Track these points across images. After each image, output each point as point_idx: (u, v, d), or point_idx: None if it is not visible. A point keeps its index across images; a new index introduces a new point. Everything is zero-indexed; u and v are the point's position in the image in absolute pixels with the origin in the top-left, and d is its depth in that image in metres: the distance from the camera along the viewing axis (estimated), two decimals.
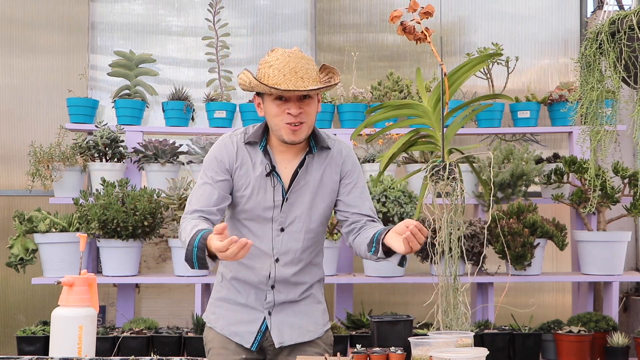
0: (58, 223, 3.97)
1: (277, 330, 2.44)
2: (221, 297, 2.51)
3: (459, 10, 4.97)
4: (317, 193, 2.43)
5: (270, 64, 2.30)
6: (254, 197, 2.38)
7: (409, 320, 2.76)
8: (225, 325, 2.47)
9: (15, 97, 4.79)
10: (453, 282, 2.58)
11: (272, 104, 2.33)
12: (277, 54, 2.32)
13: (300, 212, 2.41)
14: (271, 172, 2.38)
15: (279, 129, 2.34)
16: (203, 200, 2.35)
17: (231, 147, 2.40)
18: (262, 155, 2.40)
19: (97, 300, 2.12)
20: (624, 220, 4.45)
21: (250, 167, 2.39)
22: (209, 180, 2.38)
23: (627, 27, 2.24)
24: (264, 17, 4.95)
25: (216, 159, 2.39)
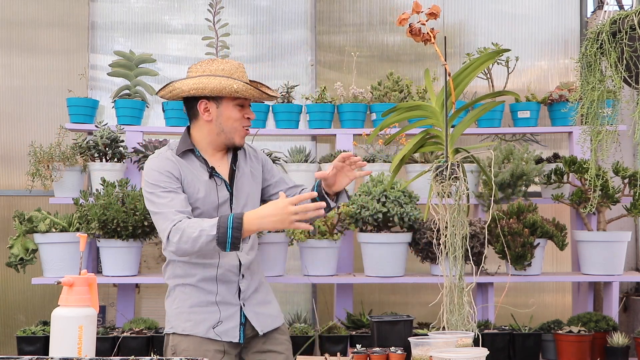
0: (58, 223, 3.97)
1: (256, 319, 2.61)
2: (195, 303, 2.57)
3: (458, 11, 4.97)
4: (252, 183, 2.69)
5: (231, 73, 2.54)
6: (207, 198, 2.55)
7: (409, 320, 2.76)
8: (208, 328, 2.55)
9: (15, 97, 4.79)
10: (458, 282, 2.58)
11: (233, 109, 2.57)
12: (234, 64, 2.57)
13: (245, 202, 2.63)
14: (212, 173, 2.58)
15: (233, 132, 2.58)
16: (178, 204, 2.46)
17: (173, 160, 2.56)
18: (198, 161, 2.59)
19: (97, 300, 2.12)
20: (624, 220, 4.45)
21: (194, 174, 2.56)
22: (167, 189, 2.49)
23: (628, 26, 2.24)
24: (264, 17, 4.95)
25: (165, 173, 2.52)
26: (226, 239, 2.35)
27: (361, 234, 4.02)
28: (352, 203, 3.96)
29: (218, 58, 2.61)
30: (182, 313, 2.58)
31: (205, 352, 2.52)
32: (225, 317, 2.57)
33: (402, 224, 3.94)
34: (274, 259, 4.02)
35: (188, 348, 2.53)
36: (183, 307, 2.59)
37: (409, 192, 3.98)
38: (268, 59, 4.94)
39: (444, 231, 2.58)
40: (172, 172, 2.53)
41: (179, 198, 2.48)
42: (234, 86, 2.51)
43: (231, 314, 2.58)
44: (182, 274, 2.60)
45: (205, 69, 2.56)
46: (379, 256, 3.97)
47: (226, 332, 2.56)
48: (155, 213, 2.49)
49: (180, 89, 2.56)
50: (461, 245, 2.57)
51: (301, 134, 4.64)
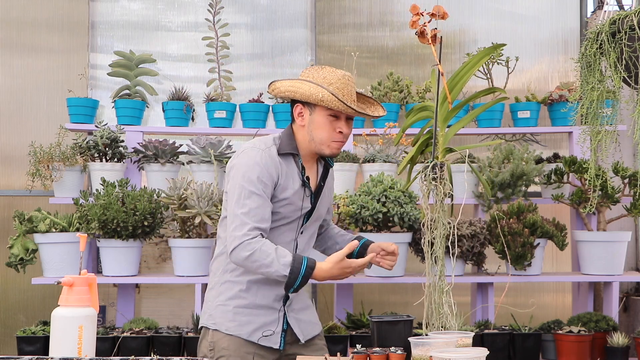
0: (58, 223, 3.97)
1: (298, 327, 2.61)
2: (241, 304, 2.55)
3: (458, 10, 4.97)
4: (327, 202, 2.73)
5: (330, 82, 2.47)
6: (294, 204, 2.54)
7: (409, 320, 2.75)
8: (252, 331, 2.53)
9: (15, 97, 4.79)
10: (438, 282, 2.59)
11: (325, 119, 2.50)
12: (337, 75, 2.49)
13: (317, 217, 2.67)
14: (304, 183, 2.56)
15: (323, 142, 2.52)
16: (261, 216, 2.44)
17: (276, 161, 2.51)
18: (297, 167, 2.57)
19: (97, 300, 2.12)
20: (624, 220, 4.45)
21: (290, 178, 2.54)
22: (260, 193, 2.45)
23: (627, 27, 2.24)
24: (264, 17, 4.95)
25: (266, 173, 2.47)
26: (294, 284, 2.41)
27: (361, 234, 4.01)
28: (352, 203, 3.96)
29: (327, 66, 2.54)
30: (227, 312, 2.55)
31: (245, 355, 2.51)
32: (269, 322, 2.56)
33: (402, 224, 3.94)
34: None
35: (228, 348, 2.51)
36: (228, 305, 2.55)
37: (409, 192, 3.98)
38: (268, 58, 4.94)
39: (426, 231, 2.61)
40: (272, 174, 2.48)
41: (266, 208, 2.45)
42: (320, 95, 2.44)
43: (274, 319, 2.57)
44: (232, 271, 2.57)
45: (310, 74, 2.52)
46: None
47: (269, 338, 2.55)
48: (236, 208, 2.44)
49: (278, 89, 2.55)
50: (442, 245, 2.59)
51: None
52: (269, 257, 2.38)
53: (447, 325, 2.53)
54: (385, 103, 4.39)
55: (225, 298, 2.56)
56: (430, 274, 2.60)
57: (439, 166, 2.58)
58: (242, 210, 2.42)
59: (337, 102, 2.44)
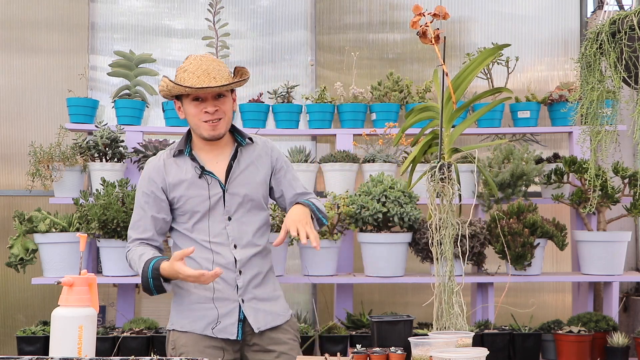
0: (58, 223, 3.97)
1: (253, 317, 2.59)
2: (193, 300, 2.60)
3: (458, 11, 4.97)
4: (253, 181, 2.65)
5: (184, 69, 2.55)
6: (194, 199, 2.58)
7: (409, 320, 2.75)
8: (205, 325, 2.57)
9: (15, 97, 4.79)
10: (448, 282, 2.58)
11: (190, 105, 2.56)
12: (190, 59, 2.58)
13: (242, 200, 2.62)
14: (202, 172, 2.58)
15: (198, 127, 2.57)
16: (141, 227, 2.61)
17: (159, 164, 2.62)
18: (191, 161, 2.61)
19: (97, 300, 2.12)
20: (624, 220, 4.45)
21: (180, 173, 2.59)
22: (142, 205, 2.62)
23: (627, 27, 2.24)
24: (264, 17, 4.95)
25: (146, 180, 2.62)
26: (149, 287, 2.47)
27: (361, 234, 4.02)
28: (352, 203, 3.96)
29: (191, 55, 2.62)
30: (181, 310, 2.62)
31: (203, 349, 2.53)
32: (224, 313, 2.57)
33: (402, 224, 3.94)
34: (274, 259, 4.00)
35: (186, 344, 2.56)
36: (182, 304, 2.62)
37: (409, 192, 3.98)
38: (268, 59, 4.94)
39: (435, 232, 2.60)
40: (156, 181, 2.61)
41: (147, 220, 2.60)
42: (165, 86, 2.56)
43: (229, 310, 2.58)
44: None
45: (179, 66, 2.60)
46: (379, 256, 3.97)
47: (224, 329, 2.57)
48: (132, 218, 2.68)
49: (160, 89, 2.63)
50: (450, 245, 2.58)
51: (301, 134, 4.64)
52: (135, 265, 2.54)
53: (457, 325, 2.53)
54: (385, 103, 4.39)
55: (179, 298, 2.64)
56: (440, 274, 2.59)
57: (447, 166, 2.57)
58: (130, 225, 2.66)
59: (174, 86, 2.52)
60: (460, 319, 2.52)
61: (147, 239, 2.62)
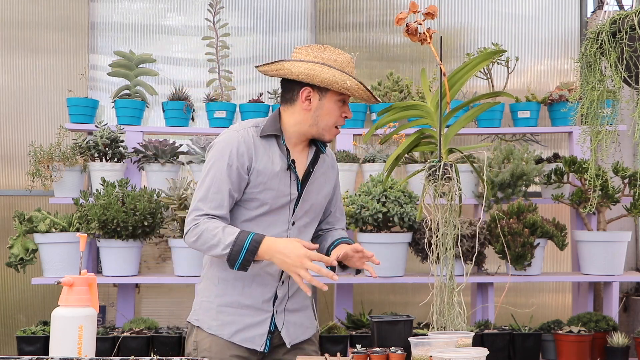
0: (58, 223, 3.96)
1: (285, 329, 2.43)
2: (225, 302, 2.40)
3: (458, 11, 4.97)
4: (321, 191, 2.49)
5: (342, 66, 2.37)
6: (274, 190, 2.36)
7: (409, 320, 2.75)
8: (234, 332, 2.39)
9: (15, 97, 4.79)
10: (448, 282, 2.58)
11: (335, 104, 2.38)
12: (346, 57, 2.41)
13: (309, 208, 2.45)
14: (289, 166, 2.38)
15: (327, 128, 2.39)
16: (217, 201, 2.30)
17: (249, 141, 2.35)
18: (279, 149, 2.39)
19: (97, 300, 2.12)
20: (624, 220, 4.45)
21: (269, 161, 2.37)
22: (223, 178, 2.31)
23: (628, 27, 2.24)
24: (264, 16, 4.95)
25: (234, 154, 2.32)
26: (237, 258, 2.23)
27: (361, 234, 4.01)
28: (352, 203, 3.96)
29: (329, 46, 2.44)
30: (210, 309, 2.41)
31: (228, 358, 2.37)
32: (254, 323, 2.40)
33: (402, 224, 3.94)
34: None
35: (210, 349, 2.38)
36: (213, 302, 2.41)
37: (409, 192, 3.98)
38: (268, 58, 4.94)
39: (435, 231, 2.58)
40: (244, 157, 2.32)
41: (225, 194, 2.31)
42: (348, 83, 2.32)
43: (261, 320, 2.40)
44: (221, 265, 2.38)
45: (317, 55, 2.38)
46: (379, 256, 3.95)
47: (252, 340, 2.39)
48: (196, 192, 2.35)
49: (289, 71, 2.36)
50: (452, 245, 2.57)
51: None
52: (216, 236, 2.24)
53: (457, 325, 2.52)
54: (385, 103, 4.39)
55: (210, 294, 2.43)
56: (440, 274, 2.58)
57: (449, 166, 2.56)
58: (199, 195, 2.33)
59: (363, 90, 2.34)
60: (460, 318, 2.52)
61: (220, 216, 2.31)
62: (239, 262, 2.24)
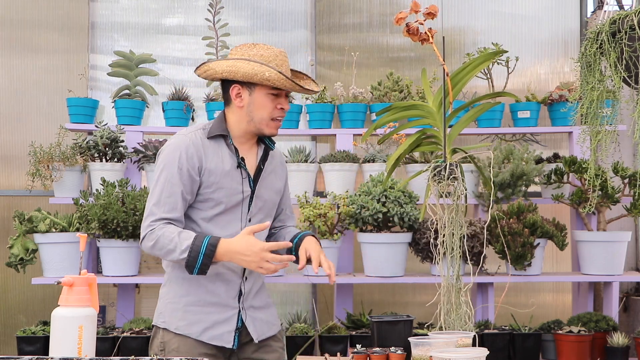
0: (58, 223, 3.97)
1: (253, 325, 2.47)
2: (191, 302, 2.42)
3: (458, 11, 4.97)
4: (273, 187, 2.55)
5: (268, 60, 2.41)
6: (227, 189, 2.41)
7: (409, 320, 2.75)
8: (202, 331, 2.41)
9: (15, 97, 4.79)
10: (455, 282, 2.57)
11: (266, 97, 2.42)
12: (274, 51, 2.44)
13: (263, 204, 2.51)
14: (239, 165, 2.44)
15: (263, 122, 2.43)
16: (169, 204, 2.35)
17: (198, 144, 2.41)
18: (229, 149, 2.46)
19: (97, 300, 2.12)
20: (624, 220, 4.45)
21: (219, 160, 2.42)
22: (175, 181, 2.36)
23: (627, 27, 2.24)
24: (264, 16, 4.95)
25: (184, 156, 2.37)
26: (195, 264, 2.28)
27: (361, 234, 4.02)
28: (352, 203, 3.96)
29: (261, 43, 2.48)
30: (177, 310, 2.43)
31: (197, 355, 2.38)
32: (222, 320, 2.42)
33: (402, 224, 3.94)
34: None
35: (178, 349, 2.40)
36: (179, 303, 2.43)
37: (409, 192, 3.98)
38: None
39: (442, 231, 2.58)
40: (194, 160, 2.38)
41: (178, 197, 2.35)
42: (266, 74, 2.35)
43: (228, 317, 2.43)
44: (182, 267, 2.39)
45: (244, 52, 2.42)
46: (379, 256, 3.98)
47: (220, 337, 2.41)
48: (149, 197, 2.40)
49: (213, 70, 2.42)
50: (459, 245, 2.57)
51: (301, 133, 4.64)
52: (172, 242, 2.29)
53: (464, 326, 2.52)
54: (385, 103, 4.39)
55: (175, 295, 2.45)
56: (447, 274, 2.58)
57: (455, 166, 2.55)
58: (152, 201, 2.37)
59: (284, 80, 2.37)
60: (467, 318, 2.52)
61: (174, 219, 2.36)
62: (197, 268, 2.29)
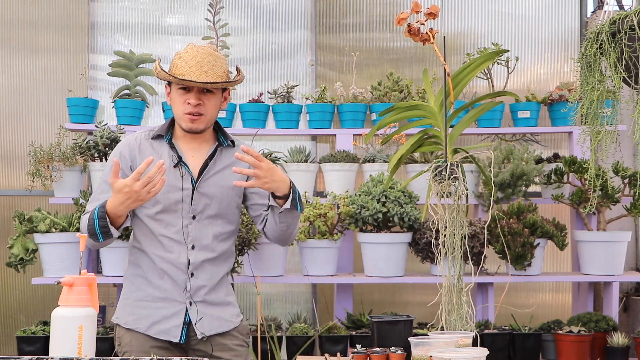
0: (58, 223, 3.97)
1: (199, 322, 2.49)
2: (140, 297, 2.49)
3: (458, 11, 4.97)
4: (225, 183, 2.53)
5: (180, 56, 2.51)
6: (166, 189, 2.43)
7: (409, 320, 2.75)
8: (149, 325, 2.47)
9: (15, 97, 4.79)
10: (457, 282, 2.58)
11: (176, 93, 2.51)
12: (189, 47, 2.53)
13: (211, 201, 2.51)
14: (178, 162, 2.49)
15: (179, 117, 2.51)
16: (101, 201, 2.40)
17: (134, 144, 2.52)
18: (169, 148, 2.51)
19: (97, 300, 2.12)
20: (624, 220, 4.46)
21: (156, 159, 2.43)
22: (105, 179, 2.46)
23: (627, 27, 2.24)
24: (264, 17, 4.95)
25: (119, 155, 2.50)
26: (94, 229, 2.34)
27: (361, 234, 4.02)
28: (352, 203, 3.96)
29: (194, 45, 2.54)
30: (127, 305, 2.51)
31: (149, 349, 2.43)
32: (169, 315, 2.46)
33: (402, 224, 3.94)
34: (274, 259, 4.02)
35: (130, 343, 2.46)
36: (130, 298, 2.51)
37: (409, 192, 3.98)
38: (268, 59, 4.94)
39: (442, 231, 2.58)
40: (124, 157, 2.49)
41: (108, 194, 2.39)
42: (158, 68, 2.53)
43: (175, 312, 2.47)
44: (134, 262, 2.53)
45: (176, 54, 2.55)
46: (379, 256, 3.98)
47: (167, 331, 2.45)
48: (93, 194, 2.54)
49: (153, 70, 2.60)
50: (460, 245, 2.57)
51: (301, 134, 4.64)
52: (84, 222, 2.39)
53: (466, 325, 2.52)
54: (385, 103, 4.39)
55: (127, 292, 2.53)
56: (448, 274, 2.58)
57: (456, 166, 2.56)
58: (91, 197, 2.52)
59: (164, 73, 2.49)
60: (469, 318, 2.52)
61: None
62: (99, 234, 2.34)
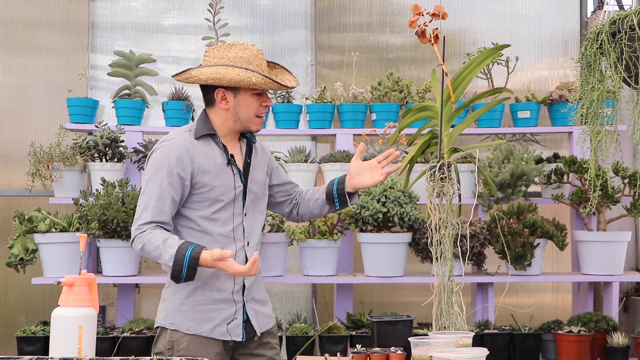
0: (58, 223, 3.97)
1: (255, 318, 2.53)
2: (198, 301, 2.46)
3: (458, 11, 4.97)
4: (259, 178, 2.61)
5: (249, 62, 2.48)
6: (221, 186, 2.47)
7: (409, 320, 2.75)
8: (212, 328, 2.45)
9: (15, 96, 4.79)
10: (447, 283, 2.58)
11: (251, 97, 2.50)
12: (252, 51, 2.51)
13: (254, 196, 2.57)
14: (230, 161, 2.51)
15: (249, 120, 2.51)
16: (158, 208, 2.40)
17: (188, 146, 2.46)
18: (218, 147, 2.51)
19: (97, 300, 2.12)
20: (624, 220, 4.46)
21: (211, 159, 2.48)
22: (165, 185, 2.41)
23: (627, 27, 2.24)
24: (264, 16, 4.95)
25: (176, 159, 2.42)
26: (180, 276, 2.33)
27: (361, 234, 4.02)
28: None
29: (236, 43, 2.52)
30: (184, 311, 2.45)
31: (206, 354, 2.41)
32: (230, 315, 2.47)
33: (402, 224, 3.94)
34: (274, 259, 4.02)
35: (188, 348, 2.42)
36: (186, 303, 2.45)
37: (408, 192, 3.98)
38: (268, 58, 4.91)
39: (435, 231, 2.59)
40: (184, 162, 2.43)
41: (166, 201, 2.40)
42: (253, 79, 2.43)
43: (235, 311, 2.48)
44: None
45: (223, 56, 2.47)
46: (379, 256, 3.98)
47: (231, 331, 2.47)
48: (139, 201, 2.46)
49: (197, 78, 2.46)
50: (450, 245, 2.58)
51: (301, 134, 4.64)
52: (157, 249, 2.34)
53: (457, 325, 2.52)
54: (385, 103, 4.39)
55: (182, 296, 2.47)
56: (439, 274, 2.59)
57: (447, 166, 2.56)
58: (142, 204, 2.43)
59: (270, 83, 2.47)
60: (460, 318, 2.52)
61: (163, 222, 2.41)
62: (183, 278, 2.34)
